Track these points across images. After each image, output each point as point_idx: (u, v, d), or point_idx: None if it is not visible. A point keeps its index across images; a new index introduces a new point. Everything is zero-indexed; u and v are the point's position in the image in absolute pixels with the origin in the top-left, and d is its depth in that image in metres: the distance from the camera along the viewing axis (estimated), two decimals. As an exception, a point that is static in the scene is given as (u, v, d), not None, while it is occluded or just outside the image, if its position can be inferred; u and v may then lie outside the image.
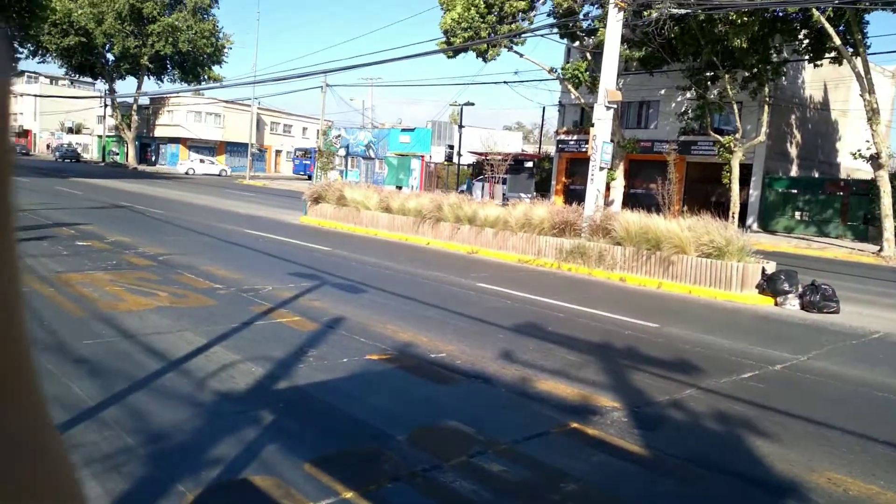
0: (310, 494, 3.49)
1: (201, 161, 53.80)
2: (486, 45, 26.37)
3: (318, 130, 42.43)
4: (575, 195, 28.86)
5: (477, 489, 3.75)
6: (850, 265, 17.36)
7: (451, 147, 42.30)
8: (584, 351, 6.88)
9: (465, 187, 34.36)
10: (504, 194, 32.00)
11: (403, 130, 45.29)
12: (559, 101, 35.27)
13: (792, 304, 10.37)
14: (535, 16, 28.43)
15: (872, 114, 19.80)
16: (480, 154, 35.53)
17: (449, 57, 27.27)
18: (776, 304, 10.52)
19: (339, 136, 45.82)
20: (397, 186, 35.73)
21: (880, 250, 19.76)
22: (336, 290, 9.22)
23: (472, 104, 40.33)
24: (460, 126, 41.02)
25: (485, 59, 27.14)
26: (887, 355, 7.76)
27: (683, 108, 28.01)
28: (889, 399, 6.00)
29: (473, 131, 44.41)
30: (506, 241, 14.80)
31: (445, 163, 42.73)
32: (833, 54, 21.77)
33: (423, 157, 41.76)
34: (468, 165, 42.09)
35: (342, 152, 45.23)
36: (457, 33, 26.17)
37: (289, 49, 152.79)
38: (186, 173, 50.05)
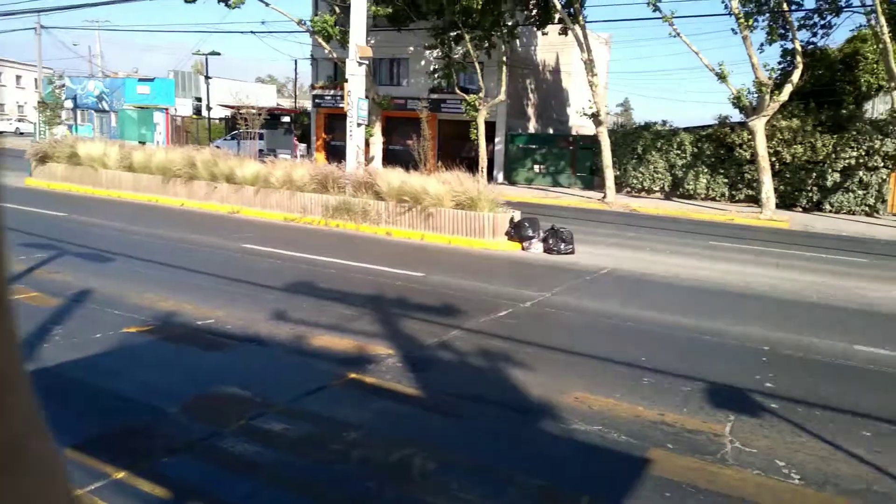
0: (75, 481, 3.12)
1: None
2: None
3: (35, 79, 36.61)
4: (336, 151, 28.76)
5: (259, 450, 3.67)
6: (581, 211, 19.73)
7: (199, 100, 39.35)
8: (357, 304, 6.99)
9: (219, 142, 32.30)
10: (262, 150, 30.78)
11: (141, 80, 40.99)
12: (311, 55, 34.46)
13: (536, 248, 11.53)
14: (281, -38, 27.20)
15: (592, 76, 22.42)
16: (232, 107, 33.57)
17: (187, 1, 25.01)
18: (523, 249, 11.62)
19: (64, 85, 40.06)
20: (140, 142, 32.42)
21: (604, 197, 22.72)
22: (79, 259, 8.21)
23: (219, 54, 37.70)
24: (207, 77, 38.23)
25: (228, 5, 25.41)
26: (615, 288, 9.03)
27: (432, 67, 29.12)
28: (619, 325, 7.01)
29: (222, 83, 41.68)
30: (268, 199, 14.31)
31: (194, 116, 39.70)
32: (558, 22, 24.10)
33: (166, 109, 38.32)
34: (220, 119, 39.60)
35: (69, 104, 39.70)
36: (196, -25, 24.12)
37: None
38: None
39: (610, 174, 22.94)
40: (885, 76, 20.01)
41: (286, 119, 37.69)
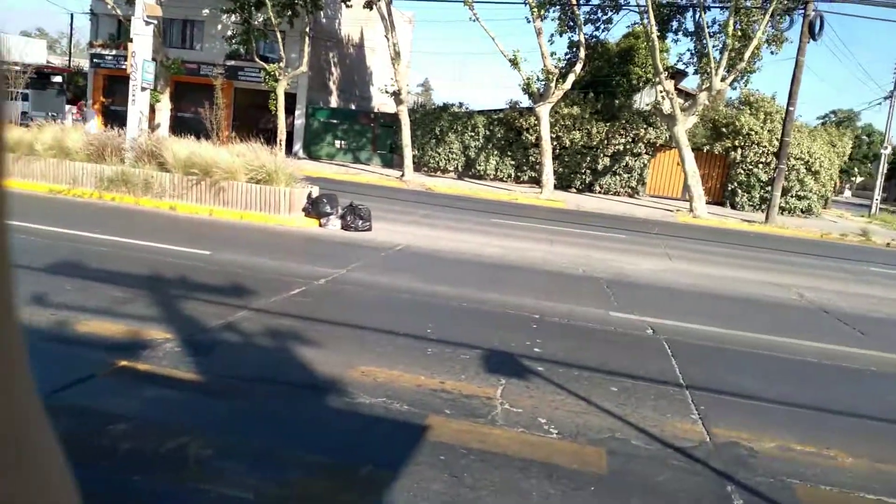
0: None
1: None
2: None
3: None
4: (116, 117, 26.06)
5: (5, 453, 3.28)
6: (379, 188, 19.99)
7: (-57, 49, 33.52)
8: (132, 285, 6.48)
9: None
10: (25, 112, 27.06)
11: None
12: (91, 9, 30.94)
13: (334, 225, 11.50)
14: None
15: (395, 54, 22.68)
16: None
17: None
18: (321, 226, 11.53)
19: None
20: None
21: (402, 175, 23.22)
22: None
23: (-29, -3, 32.40)
24: (-46, 24, 32.66)
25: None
26: (407, 263, 9.31)
27: (230, 32, 27.57)
28: (409, 299, 7.24)
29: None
30: (31, 168, 12.66)
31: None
32: (363, -5, 24.02)
33: None
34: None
35: None
36: None
37: None
38: None
39: (409, 153, 23.48)
40: (653, 71, 22.70)
41: (58, 79, 33.52)
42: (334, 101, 33.13)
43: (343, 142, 29.26)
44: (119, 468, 3.30)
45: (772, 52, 22.26)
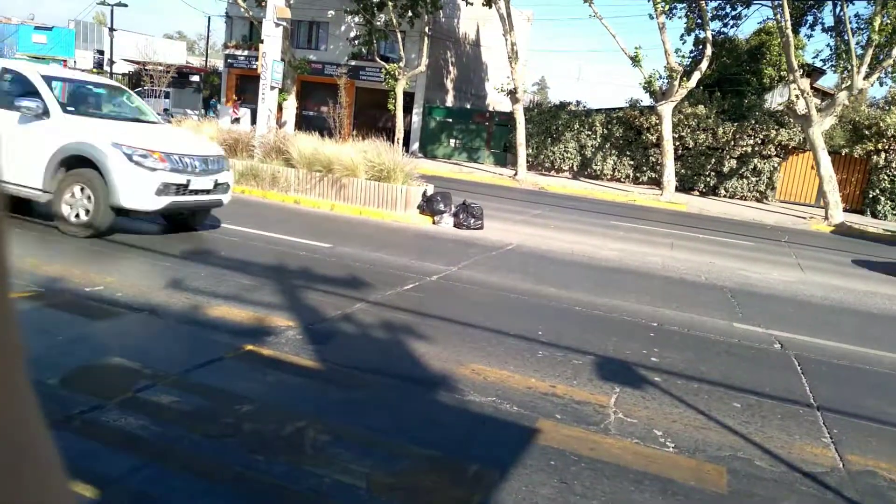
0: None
1: None
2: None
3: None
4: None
5: (146, 423, 3.56)
6: (492, 187, 20.01)
7: (101, 53, 37.00)
8: (259, 274, 6.84)
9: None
10: (167, 109, 29.33)
11: (38, 29, 38.05)
12: (226, 12, 33.04)
13: (447, 223, 11.62)
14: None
15: (512, 53, 22.61)
16: (138, 63, 31.70)
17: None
18: (434, 223, 11.69)
19: (-56, 27, 36.64)
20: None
21: (515, 174, 23.12)
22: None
23: (126, 5, 35.53)
24: (111, 29, 35.96)
25: (138, -46, 23.97)
26: (518, 263, 9.25)
27: (353, 33, 28.54)
28: (520, 299, 7.19)
29: (128, 37, 39.37)
30: (171, 162, 13.68)
31: (95, 71, 37.28)
32: (483, -6, 24.12)
33: (65, 61, 35.80)
34: (124, 75, 37.39)
35: (-50, 48, 36.38)
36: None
37: None
38: None
39: (522, 152, 23.34)
40: (786, 69, 21.31)
41: (195, 78, 36.07)
42: (450, 100, 33.50)
43: (458, 140, 29.53)
44: (242, 446, 3.49)
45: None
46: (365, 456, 3.52)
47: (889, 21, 18.54)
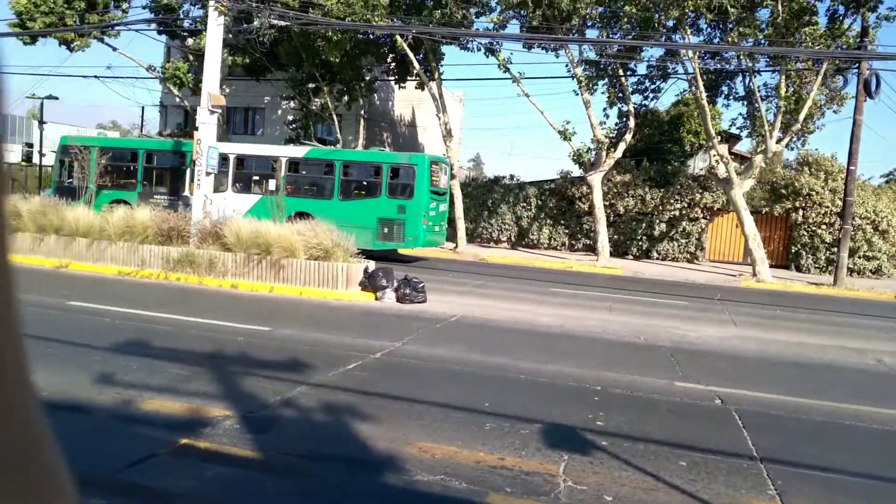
0: None
1: None
2: (72, 35, 23.30)
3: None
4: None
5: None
6: (434, 260, 20.14)
7: (31, 146, 36.15)
8: (194, 363, 6.62)
9: (49, 192, 29.64)
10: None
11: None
12: (160, 102, 33.08)
13: (389, 298, 11.59)
14: (129, 7, 26.18)
15: (446, 132, 23.30)
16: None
17: (25, 44, 23.25)
18: (377, 299, 11.63)
19: None
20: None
21: (455, 247, 23.40)
22: None
23: (56, 98, 35.15)
24: (41, 122, 35.40)
25: (70, 49, 23.96)
26: (462, 334, 9.24)
27: (290, 118, 28.93)
28: (465, 371, 7.15)
29: (59, 128, 38.69)
30: (103, 252, 13.32)
31: (23, 163, 36.35)
32: (416, 78, 24.95)
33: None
34: (53, 167, 36.51)
35: None
36: (35, 17, 22.55)
37: None
38: None
39: (462, 225, 23.73)
40: (704, 136, 22.58)
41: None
42: (388, 178, 33.99)
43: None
44: (178, 549, 3.29)
45: (834, 111, 21.90)
46: (309, 548, 3.36)
47: (793, 88, 20.08)
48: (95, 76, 26.37)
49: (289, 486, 4.14)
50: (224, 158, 18.68)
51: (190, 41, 26.05)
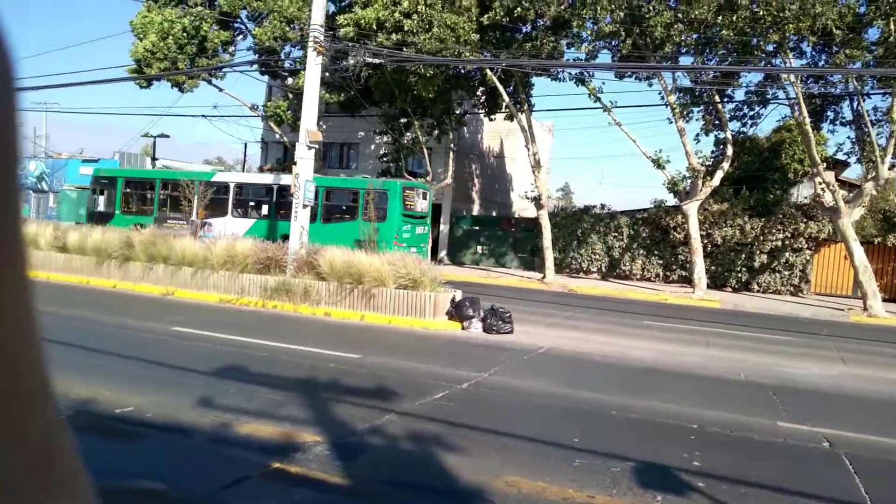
0: None
1: None
2: (183, 77, 25.09)
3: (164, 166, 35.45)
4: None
5: (168, 549, 3.47)
6: (521, 290, 20.00)
7: (143, 181, 38.96)
8: (288, 388, 6.83)
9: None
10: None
11: (85, 161, 40.42)
12: (262, 139, 34.87)
13: (476, 328, 11.57)
14: (235, 50, 27.93)
15: (535, 162, 23.28)
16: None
17: (142, 87, 25.25)
18: (463, 328, 11.65)
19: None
20: (78, 222, 31.62)
21: (543, 277, 23.15)
22: (-7, 344, 7.80)
23: (168, 136, 37.88)
24: (153, 159, 38.10)
25: (181, 90, 25.78)
26: (550, 367, 9.09)
27: (382, 151, 29.78)
28: (553, 405, 7.02)
29: (170, 165, 41.53)
30: (206, 281, 14.06)
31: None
32: (505, 110, 25.16)
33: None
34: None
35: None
36: (151, 63, 24.49)
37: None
38: None
39: (549, 255, 23.48)
40: (809, 163, 21.44)
41: (232, 200, 37.52)
42: (476, 209, 34.24)
43: (485, 247, 29.90)
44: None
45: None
46: (394, 578, 3.36)
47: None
48: (203, 115, 28.23)
49: (375, 514, 4.17)
50: (225, 186, 21.25)
51: (290, 80, 27.42)
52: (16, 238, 0.41)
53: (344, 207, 20.68)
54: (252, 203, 21.60)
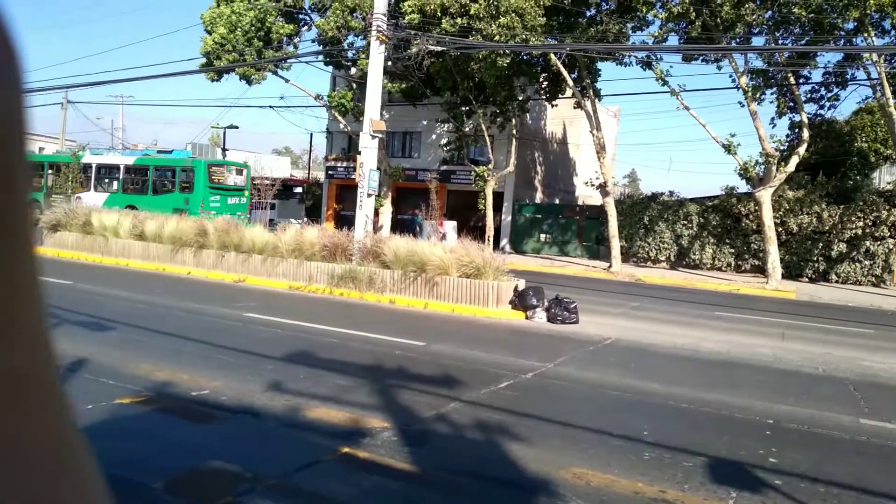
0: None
1: None
2: (251, 70, 25.74)
3: (56, 151, 37.63)
4: (345, 221, 29.08)
5: (245, 529, 3.59)
6: (586, 280, 19.73)
7: (213, 171, 40.30)
8: (356, 374, 6.94)
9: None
10: (272, 220, 31.19)
11: (159, 152, 42.11)
12: (327, 129, 35.48)
13: (540, 317, 11.48)
14: (300, 41, 28.43)
15: (600, 148, 22.84)
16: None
17: (212, 80, 26.05)
18: (527, 318, 11.57)
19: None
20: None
21: (609, 266, 22.75)
22: (78, 328, 8.24)
23: (237, 127, 38.99)
24: (223, 149, 39.33)
25: (249, 83, 26.45)
26: (617, 358, 8.93)
27: (444, 140, 29.82)
28: (621, 397, 6.90)
29: (239, 155, 42.78)
30: (275, 268, 14.44)
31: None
32: (569, 95, 24.75)
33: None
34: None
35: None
36: (220, 56, 25.22)
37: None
38: None
39: (616, 244, 23.04)
40: (891, 147, 20.30)
41: (298, 190, 38.40)
42: (539, 197, 33.92)
43: (548, 235, 29.61)
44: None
45: None
46: (463, 565, 3.38)
47: None
48: (270, 106, 28.95)
49: (441, 501, 4.19)
50: (88, 166, 25.15)
51: (353, 70, 27.76)
52: (25, 241, 0.40)
53: (166, 182, 24.09)
54: (107, 181, 25.08)
